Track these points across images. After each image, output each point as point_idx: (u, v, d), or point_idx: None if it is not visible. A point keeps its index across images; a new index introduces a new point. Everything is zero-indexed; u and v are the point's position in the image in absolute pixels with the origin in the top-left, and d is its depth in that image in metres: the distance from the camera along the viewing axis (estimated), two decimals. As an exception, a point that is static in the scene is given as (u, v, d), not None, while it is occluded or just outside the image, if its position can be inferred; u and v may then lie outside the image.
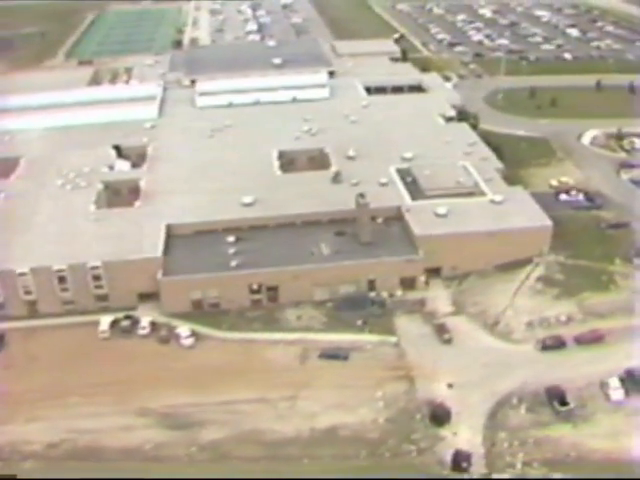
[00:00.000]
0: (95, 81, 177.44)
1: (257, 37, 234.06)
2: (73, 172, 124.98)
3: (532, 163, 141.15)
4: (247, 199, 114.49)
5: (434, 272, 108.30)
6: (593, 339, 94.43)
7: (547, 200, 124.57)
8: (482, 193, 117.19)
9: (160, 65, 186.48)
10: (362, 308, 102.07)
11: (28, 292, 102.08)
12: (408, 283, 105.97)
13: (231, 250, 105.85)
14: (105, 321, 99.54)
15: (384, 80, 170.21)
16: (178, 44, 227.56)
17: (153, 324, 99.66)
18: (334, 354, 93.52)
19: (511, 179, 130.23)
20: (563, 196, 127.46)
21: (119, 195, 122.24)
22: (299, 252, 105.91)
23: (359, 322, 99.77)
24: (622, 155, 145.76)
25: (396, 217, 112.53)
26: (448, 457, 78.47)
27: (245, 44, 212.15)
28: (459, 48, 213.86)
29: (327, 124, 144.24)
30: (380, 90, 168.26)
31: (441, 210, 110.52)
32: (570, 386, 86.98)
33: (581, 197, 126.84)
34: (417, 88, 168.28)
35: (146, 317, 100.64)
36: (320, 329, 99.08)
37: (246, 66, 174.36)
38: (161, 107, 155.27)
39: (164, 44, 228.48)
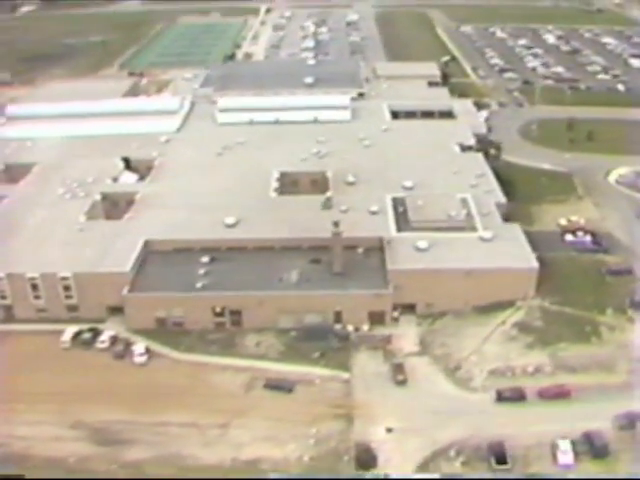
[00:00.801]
0: (133, 93, 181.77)
1: (311, 54, 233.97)
2: (76, 182, 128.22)
3: (548, 199, 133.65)
4: (230, 220, 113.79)
5: (408, 308, 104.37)
6: (557, 395, 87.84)
7: (551, 240, 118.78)
8: (473, 228, 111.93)
9: (197, 79, 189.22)
10: (323, 340, 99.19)
11: (4, 297, 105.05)
12: (377, 318, 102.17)
13: (202, 270, 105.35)
14: (68, 332, 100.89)
15: (414, 105, 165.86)
16: (230, 58, 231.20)
17: (114, 338, 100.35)
18: (279, 385, 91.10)
19: (520, 215, 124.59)
20: (569, 236, 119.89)
21: (117, 207, 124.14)
22: (269, 277, 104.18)
23: (316, 354, 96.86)
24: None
25: (377, 248, 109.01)
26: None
27: (283, 62, 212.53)
28: (509, 74, 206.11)
29: (339, 147, 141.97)
30: (409, 114, 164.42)
31: (422, 244, 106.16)
32: (518, 443, 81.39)
33: (587, 239, 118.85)
34: (447, 114, 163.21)
35: (109, 331, 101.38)
36: (275, 358, 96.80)
37: (277, 84, 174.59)
38: (184, 122, 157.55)
39: (218, 58, 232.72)
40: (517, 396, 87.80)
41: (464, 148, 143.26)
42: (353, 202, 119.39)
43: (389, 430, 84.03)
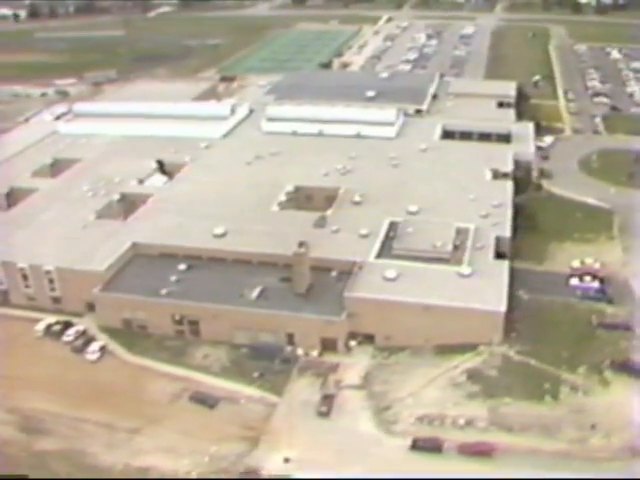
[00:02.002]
0: (205, 96, 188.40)
1: (408, 67, 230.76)
2: (103, 180, 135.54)
3: (574, 237, 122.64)
4: (219, 230, 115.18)
5: (369, 339, 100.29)
6: (478, 452, 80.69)
7: (555, 282, 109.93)
8: (458, 261, 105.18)
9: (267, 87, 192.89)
10: (269, 360, 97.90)
11: (1, 282, 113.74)
12: (329, 344, 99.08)
13: (174, 277, 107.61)
14: (43, 322, 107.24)
15: (470, 125, 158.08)
16: (325, 67, 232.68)
17: (79, 333, 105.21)
18: (203, 399, 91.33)
19: (533, 252, 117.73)
20: (574, 280, 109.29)
21: (134, 208, 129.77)
22: (235, 291, 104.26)
23: (256, 374, 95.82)
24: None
25: (351, 273, 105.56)
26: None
27: (355, 74, 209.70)
28: (600, 99, 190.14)
29: (366, 165, 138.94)
30: (465, 135, 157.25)
31: (390, 273, 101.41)
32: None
33: (594, 285, 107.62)
34: (505, 137, 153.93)
35: (78, 326, 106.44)
36: (214, 372, 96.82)
37: (339, 96, 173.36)
38: (233, 128, 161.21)
39: (315, 66, 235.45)
40: (433, 447, 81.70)
41: (497, 175, 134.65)
42: (348, 223, 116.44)
43: (287, 460, 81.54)
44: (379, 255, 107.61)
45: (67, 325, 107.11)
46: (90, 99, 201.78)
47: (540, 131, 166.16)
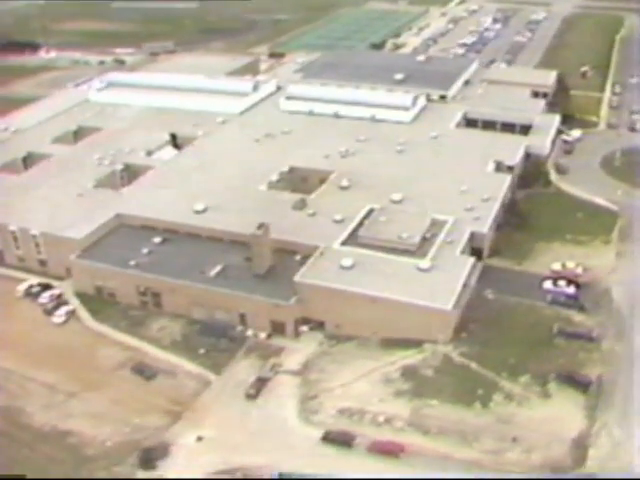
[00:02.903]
0: (240, 72, 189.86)
1: (461, 51, 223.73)
2: (114, 150, 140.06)
3: (566, 238, 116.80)
4: (199, 206, 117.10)
5: (320, 325, 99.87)
6: (386, 451, 79.33)
7: (528, 284, 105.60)
8: (423, 254, 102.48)
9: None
10: (217, 338, 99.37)
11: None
12: (279, 328, 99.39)
13: (146, 250, 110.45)
14: (25, 283, 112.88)
15: (494, 114, 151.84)
16: (377, 47, 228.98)
17: (53, 296, 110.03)
18: (142, 370, 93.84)
19: (517, 250, 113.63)
20: (547, 284, 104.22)
21: (136, 178, 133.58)
22: (197, 267, 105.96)
23: (202, 350, 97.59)
24: None
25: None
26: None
27: (391, 55, 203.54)
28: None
29: (370, 148, 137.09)
30: (488, 124, 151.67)
31: (346, 262, 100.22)
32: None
33: (566, 290, 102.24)
34: (527, 128, 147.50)
35: (55, 290, 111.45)
36: (163, 345, 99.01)
37: (367, 77, 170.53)
38: (253, 105, 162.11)
39: (366, 46, 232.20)
40: (343, 441, 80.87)
41: (501, 167, 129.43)
42: (327, 207, 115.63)
43: (199, 439, 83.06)
44: (345, 242, 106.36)
45: (45, 287, 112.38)
46: (141, 69, 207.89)
47: (572, 124, 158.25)
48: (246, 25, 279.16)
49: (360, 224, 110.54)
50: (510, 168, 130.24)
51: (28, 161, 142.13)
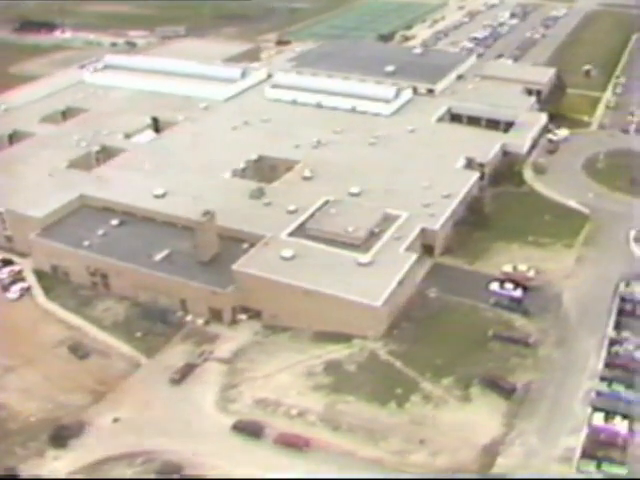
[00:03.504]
0: (238, 59, 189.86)
1: (471, 45, 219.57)
2: (94, 132, 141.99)
3: (527, 239, 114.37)
4: (158, 191, 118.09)
5: (258, 315, 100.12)
6: (291, 443, 79.24)
7: (476, 284, 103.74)
8: (367, 249, 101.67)
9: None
10: (157, 322, 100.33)
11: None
12: (217, 315, 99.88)
13: (102, 231, 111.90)
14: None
15: (479, 110, 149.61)
16: (382, 38, 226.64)
17: (12, 272, 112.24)
18: (77, 349, 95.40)
19: (471, 250, 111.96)
20: (493, 285, 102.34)
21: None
22: (146, 251, 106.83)
23: (139, 334, 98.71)
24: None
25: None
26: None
27: (388, 48, 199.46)
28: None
29: (343, 139, 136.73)
30: (472, 120, 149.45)
31: (286, 253, 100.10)
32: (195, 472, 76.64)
33: (511, 293, 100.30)
34: (511, 125, 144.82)
35: (16, 266, 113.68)
36: (104, 326, 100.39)
37: (357, 69, 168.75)
38: (239, 93, 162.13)
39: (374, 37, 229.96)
40: (252, 431, 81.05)
41: (472, 164, 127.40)
42: (285, 197, 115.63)
43: (115, 420, 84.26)
44: (293, 233, 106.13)
45: (6, 263, 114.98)
46: (146, 52, 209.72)
47: (562, 123, 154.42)
48: (263, 12, 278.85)
49: (311, 216, 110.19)
50: (481, 165, 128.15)
51: (14, 139, 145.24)
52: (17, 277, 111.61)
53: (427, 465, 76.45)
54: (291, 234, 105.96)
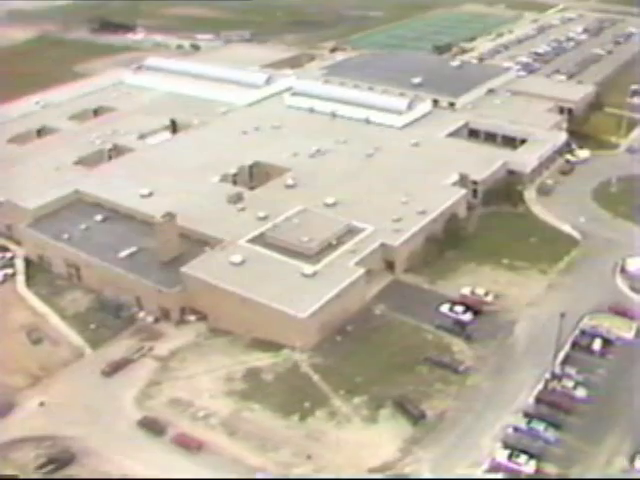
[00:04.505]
0: (279, 65, 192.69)
1: (527, 60, 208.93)
2: (112, 131, 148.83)
3: (502, 262, 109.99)
4: (145, 190, 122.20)
5: (204, 318, 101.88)
6: (186, 444, 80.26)
7: (429, 304, 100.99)
8: (317, 260, 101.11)
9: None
10: (111, 316, 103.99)
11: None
12: (166, 314, 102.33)
13: (84, 226, 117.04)
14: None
15: (496, 126, 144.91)
16: (438, 49, 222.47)
17: (9, 259, 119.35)
18: (31, 334, 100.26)
19: (438, 269, 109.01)
20: (444, 307, 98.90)
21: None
22: (116, 248, 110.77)
23: (93, 325, 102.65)
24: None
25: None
26: None
27: (426, 59, 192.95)
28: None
29: (342, 149, 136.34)
30: (489, 136, 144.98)
31: (235, 258, 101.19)
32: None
33: (459, 317, 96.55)
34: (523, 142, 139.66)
35: (10, 253, 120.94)
36: (65, 315, 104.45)
37: (386, 80, 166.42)
38: (262, 98, 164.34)
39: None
40: (155, 429, 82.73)
41: (464, 181, 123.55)
42: (261, 203, 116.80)
43: (41, 404, 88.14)
44: (252, 240, 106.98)
45: (2, 250, 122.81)
46: (205, 54, 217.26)
47: (588, 143, 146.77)
48: (335, 19, 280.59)
49: (275, 224, 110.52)
50: (474, 183, 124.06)
51: (42, 134, 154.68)
52: (7, 263, 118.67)
53: None
54: (250, 240, 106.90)
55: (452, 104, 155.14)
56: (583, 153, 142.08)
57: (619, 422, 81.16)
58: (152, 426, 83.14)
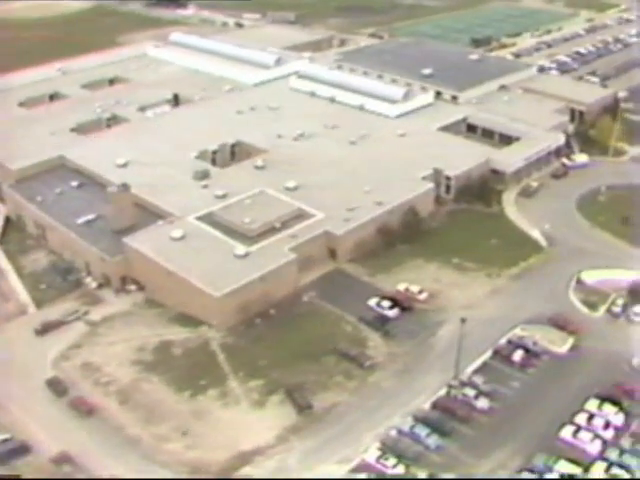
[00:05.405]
0: (303, 48, 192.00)
1: (566, 59, 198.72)
2: (115, 101, 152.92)
3: (451, 261, 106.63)
4: (121, 160, 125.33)
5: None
6: (80, 407, 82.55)
7: (361, 297, 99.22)
8: (254, 242, 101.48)
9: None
10: (60, 278, 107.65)
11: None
12: (108, 281, 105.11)
13: (59, 190, 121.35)
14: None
15: (493, 123, 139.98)
16: (476, 43, 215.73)
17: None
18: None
19: (380, 261, 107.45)
20: (372, 302, 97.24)
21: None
22: (79, 214, 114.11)
23: (43, 286, 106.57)
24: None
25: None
26: None
27: (441, 50, 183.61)
28: None
29: (327, 135, 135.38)
30: (487, 133, 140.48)
31: (175, 233, 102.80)
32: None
33: (384, 312, 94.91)
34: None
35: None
36: (22, 274, 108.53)
37: (396, 69, 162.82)
38: (272, 80, 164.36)
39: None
40: (58, 390, 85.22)
41: (438, 176, 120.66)
42: (225, 182, 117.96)
43: None
44: (201, 217, 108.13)
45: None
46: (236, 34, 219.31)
47: (592, 147, 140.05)
48: (387, 7, 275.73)
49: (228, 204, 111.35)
50: (448, 178, 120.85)
51: (54, 99, 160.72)
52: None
53: (175, 454, 76.43)
54: (199, 218, 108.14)
55: (455, 97, 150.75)
56: (581, 157, 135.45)
57: (515, 438, 77.93)
58: (57, 387, 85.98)
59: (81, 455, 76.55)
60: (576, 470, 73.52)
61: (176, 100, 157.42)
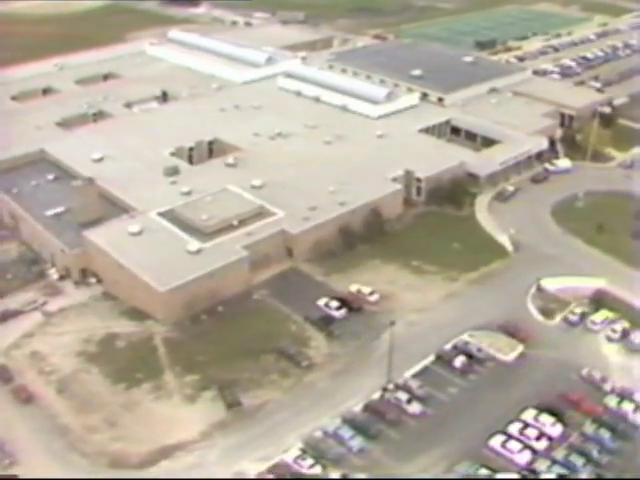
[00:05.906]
0: (298, 47, 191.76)
1: (571, 64, 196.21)
2: (103, 97, 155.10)
3: (410, 264, 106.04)
4: (97, 155, 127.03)
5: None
6: (19, 395, 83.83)
7: (310, 296, 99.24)
8: (209, 239, 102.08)
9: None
10: (26, 269, 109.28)
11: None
12: (69, 273, 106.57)
13: (35, 182, 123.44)
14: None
15: (475, 125, 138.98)
16: (480, 45, 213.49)
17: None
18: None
19: (338, 261, 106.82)
20: (320, 301, 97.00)
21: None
22: (50, 206, 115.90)
23: (9, 276, 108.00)
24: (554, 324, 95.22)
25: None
26: None
27: (435, 53, 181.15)
28: None
29: (304, 134, 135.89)
30: (470, 136, 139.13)
31: (133, 228, 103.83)
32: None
33: (331, 313, 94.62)
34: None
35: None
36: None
37: (387, 71, 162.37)
38: (259, 78, 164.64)
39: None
40: (5, 377, 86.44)
41: (409, 178, 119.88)
42: (193, 179, 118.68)
43: None
44: (162, 213, 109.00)
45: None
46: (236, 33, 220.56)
47: (578, 153, 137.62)
48: (398, 8, 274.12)
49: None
50: (418, 180, 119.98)
51: (46, 94, 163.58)
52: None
53: (100, 445, 77.19)
54: (161, 213, 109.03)
55: (441, 99, 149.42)
56: (563, 162, 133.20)
57: (442, 444, 77.11)
58: (3, 374, 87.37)
59: (10, 441, 77.83)
60: (495, 479, 72.51)
61: (164, 97, 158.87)
